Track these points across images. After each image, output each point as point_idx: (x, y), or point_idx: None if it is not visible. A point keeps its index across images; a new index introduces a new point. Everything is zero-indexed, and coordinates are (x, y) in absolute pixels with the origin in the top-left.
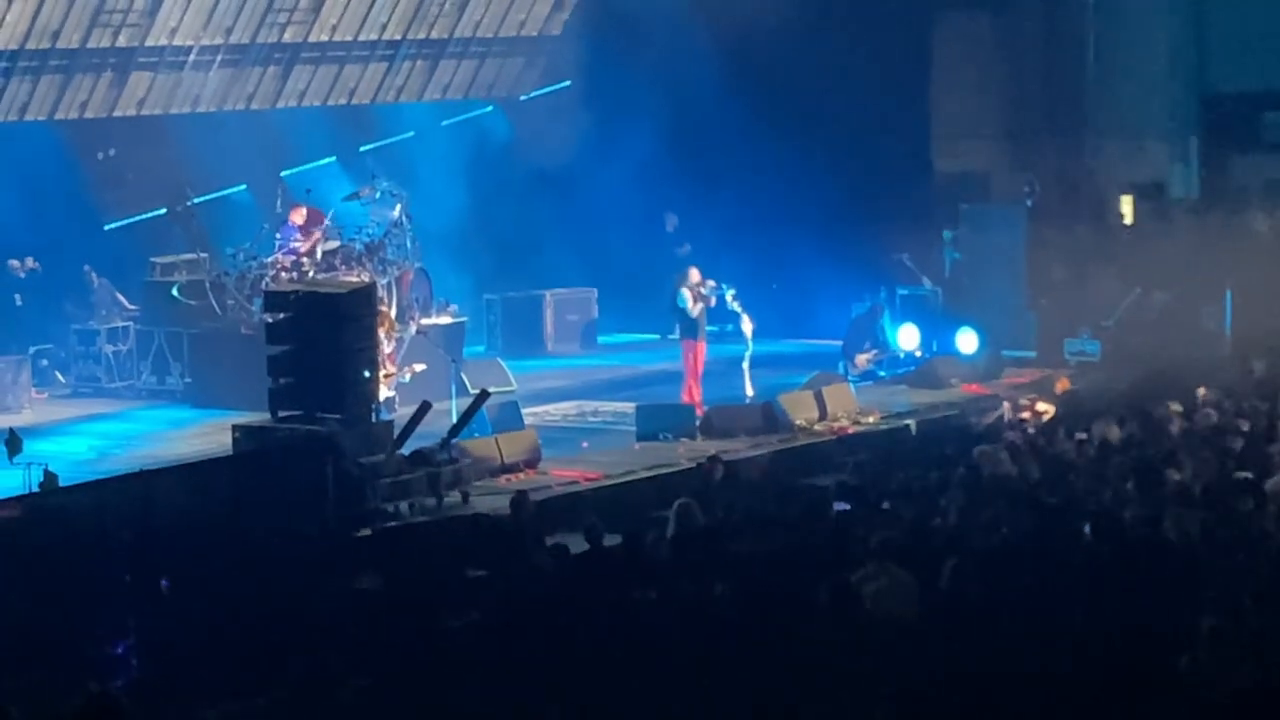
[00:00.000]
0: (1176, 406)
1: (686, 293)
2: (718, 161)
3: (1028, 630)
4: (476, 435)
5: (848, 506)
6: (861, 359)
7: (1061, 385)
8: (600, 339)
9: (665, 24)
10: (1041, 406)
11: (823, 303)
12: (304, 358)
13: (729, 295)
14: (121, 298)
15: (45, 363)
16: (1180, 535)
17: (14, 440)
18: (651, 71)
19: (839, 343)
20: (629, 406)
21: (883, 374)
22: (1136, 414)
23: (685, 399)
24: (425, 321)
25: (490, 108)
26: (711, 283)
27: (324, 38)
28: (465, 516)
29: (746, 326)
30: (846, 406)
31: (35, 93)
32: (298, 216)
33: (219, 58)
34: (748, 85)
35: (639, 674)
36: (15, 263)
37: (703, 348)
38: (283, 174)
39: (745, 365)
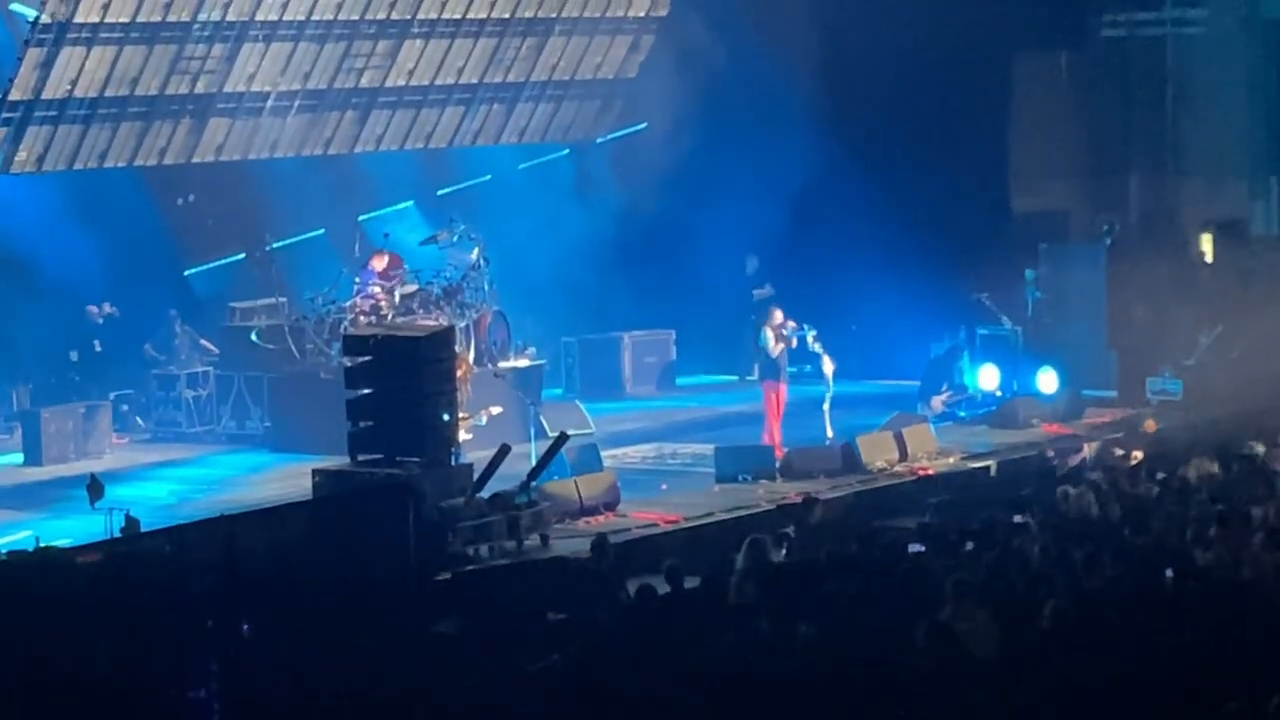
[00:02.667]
0: (1259, 446)
1: (769, 333)
2: (796, 202)
3: (1112, 671)
4: (556, 478)
5: (923, 548)
6: (937, 401)
7: (1149, 426)
8: (678, 381)
9: (741, 65)
10: (1136, 454)
11: (903, 343)
12: (383, 401)
13: (810, 336)
14: (207, 343)
15: (126, 408)
16: (1262, 576)
17: (95, 485)
18: (727, 113)
19: (919, 383)
20: (708, 448)
21: (963, 414)
22: (1219, 454)
23: (766, 440)
24: (504, 364)
25: (567, 150)
26: (793, 324)
27: (401, 82)
28: (545, 559)
29: (827, 368)
30: (927, 447)
31: (115, 139)
32: (379, 262)
33: (296, 103)
34: (826, 126)
35: (722, 717)
36: (94, 309)
37: (784, 389)
38: (360, 218)
39: (826, 406)
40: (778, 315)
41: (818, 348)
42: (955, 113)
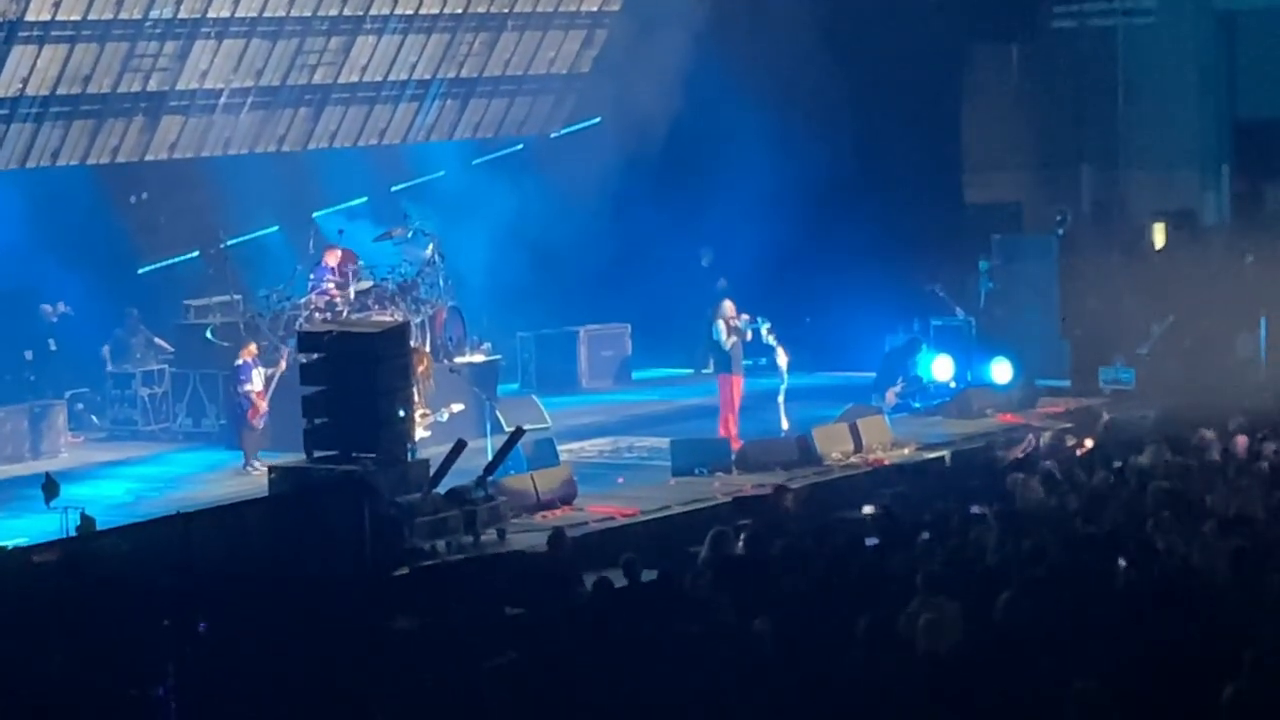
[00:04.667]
0: (1211, 434)
1: (721, 325)
2: (749, 196)
3: (1070, 661)
4: (512, 472)
5: (877, 540)
6: (890, 393)
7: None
8: (634, 374)
9: (692, 58)
10: (1088, 443)
11: (857, 335)
12: (339, 398)
13: (764, 329)
14: (162, 342)
15: (81, 407)
16: (1215, 564)
17: (50, 484)
18: (681, 107)
19: (874, 375)
20: (664, 442)
21: (917, 405)
22: (1172, 442)
23: (722, 433)
24: (459, 360)
25: (521, 145)
26: (746, 316)
27: (354, 78)
28: (502, 554)
29: (781, 360)
30: (881, 438)
31: (67, 138)
32: (332, 258)
33: (250, 100)
34: (778, 119)
35: (679, 710)
36: (48, 307)
37: (739, 381)
38: (315, 215)
39: (780, 399)
40: (729, 308)
41: (772, 340)
42: (908, 105)
